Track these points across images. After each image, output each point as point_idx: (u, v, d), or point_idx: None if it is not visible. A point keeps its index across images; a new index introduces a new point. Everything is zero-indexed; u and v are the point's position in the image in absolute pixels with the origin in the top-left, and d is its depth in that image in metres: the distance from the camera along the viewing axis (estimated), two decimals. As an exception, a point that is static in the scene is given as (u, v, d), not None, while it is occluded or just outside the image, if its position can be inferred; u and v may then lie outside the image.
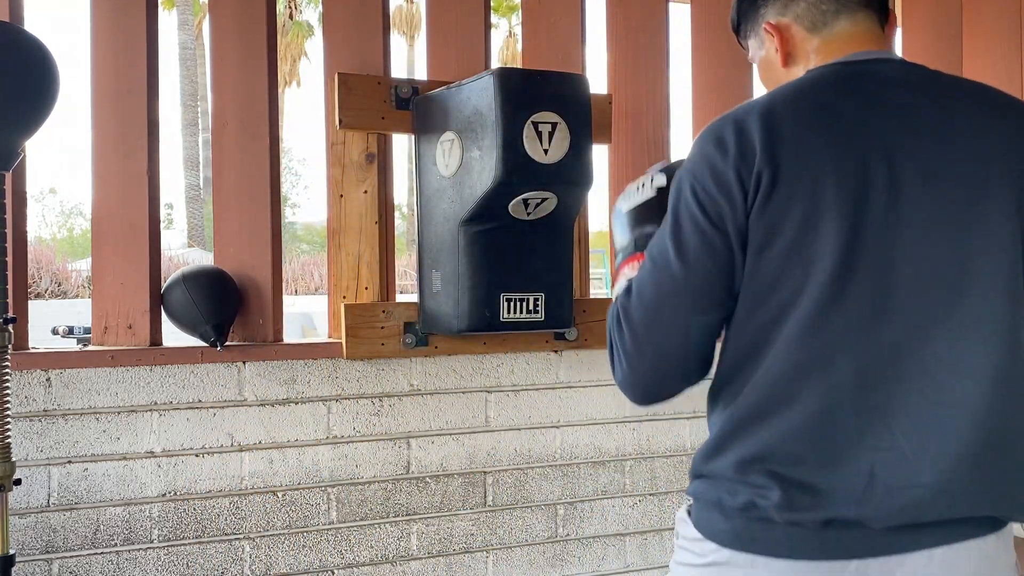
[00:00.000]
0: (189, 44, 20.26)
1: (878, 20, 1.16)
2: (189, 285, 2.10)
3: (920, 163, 1.01)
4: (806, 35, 1.16)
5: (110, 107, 2.13)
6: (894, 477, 0.98)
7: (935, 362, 0.99)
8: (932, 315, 0.99)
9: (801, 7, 1.16)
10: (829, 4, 1.14)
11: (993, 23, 3.22)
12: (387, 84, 2.25)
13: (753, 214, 1.01)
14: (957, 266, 1.00)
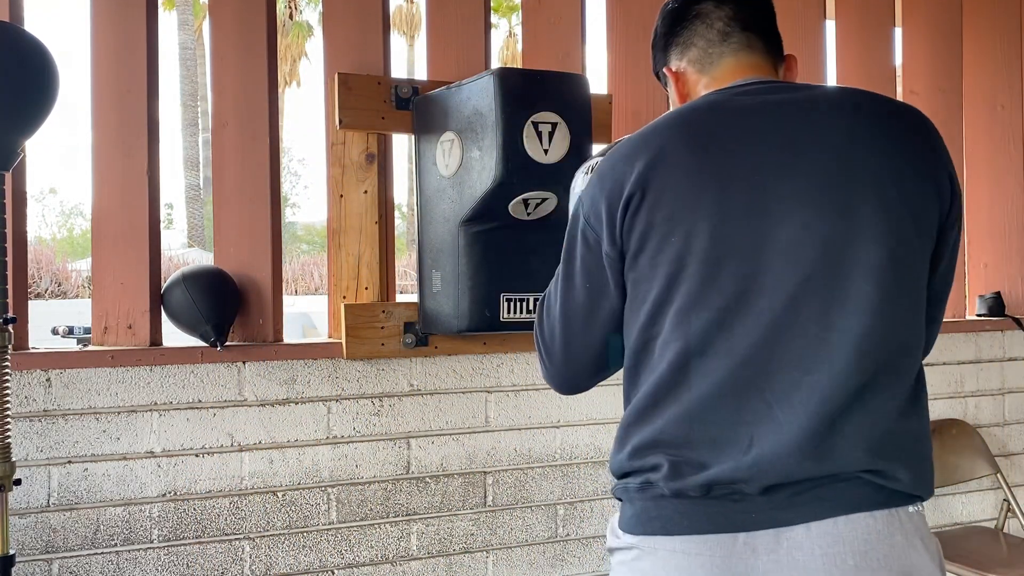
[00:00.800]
0: (189, 44, 20.26)
1: (765, 58, 1.27)
2: (189, 285, 2.10)
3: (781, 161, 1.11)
4: (698, 76, 1.29)
5: (110, 107, 2.13)
6: (769, 443, 1.06)
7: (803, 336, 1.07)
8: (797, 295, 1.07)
9: (693, 53, 1.29)
10: (716, 47, 1.27)
11: (993, 23, 3.22)
12: (387, 84, 2.25)
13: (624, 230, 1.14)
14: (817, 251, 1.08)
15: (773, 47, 1.29)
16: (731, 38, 1.26)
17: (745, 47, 1.26)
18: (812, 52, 2.86)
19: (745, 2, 1.28)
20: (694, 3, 1.29)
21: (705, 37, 1.27)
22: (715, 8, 1.27)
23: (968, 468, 2.88)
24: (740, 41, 1.26)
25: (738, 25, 1.26)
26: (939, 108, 3.11)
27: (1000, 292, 3.13)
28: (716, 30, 1.27)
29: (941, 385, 2.95)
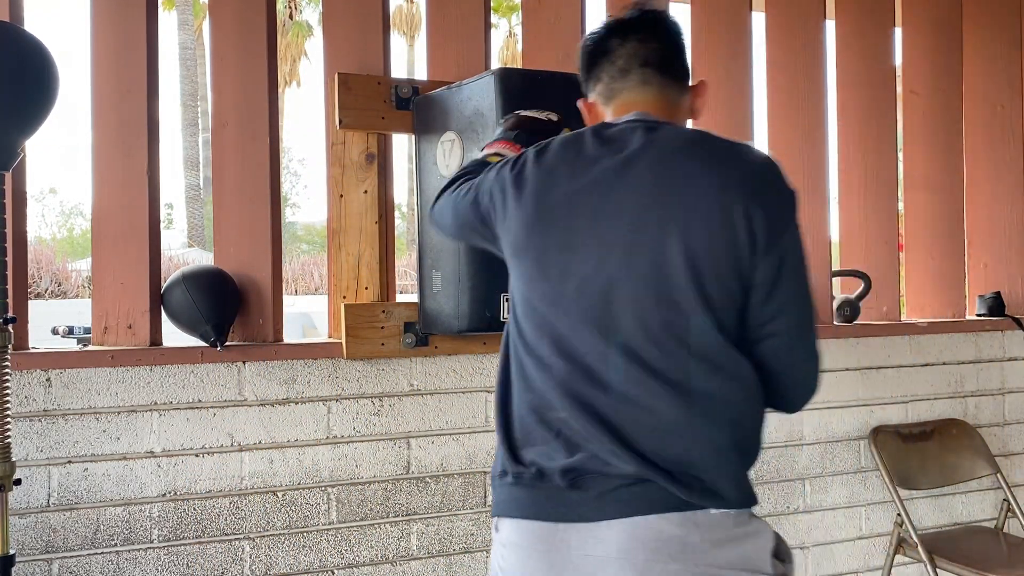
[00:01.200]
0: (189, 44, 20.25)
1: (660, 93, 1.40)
2: (189, 285, 2.10)
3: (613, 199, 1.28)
4: (603, 108, 1.44)
5: (110, 107, 2.13)
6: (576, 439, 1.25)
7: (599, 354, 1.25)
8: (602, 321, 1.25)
9: (600, 87, 1.43)
10: (616, 83, 1.41)
11: (993, 23, 3.22)
12: (387, 84, 2.25)
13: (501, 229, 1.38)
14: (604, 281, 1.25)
15: (673, 80, 1.41)
16: (629, 74, 1.39)
17: (640, 83, 1.39)
18: (812, 52, 2.86)
19: (647, 39, 1.39)
20: (604, 40, 1.41)
21: (608, 73, 1.40)
22: (619, 46, 1.39)
23: (968, 468, 2.88)
24: (637, 77, 1.39)
25: (636, 62, 1.38)
26: (939, 108, 3.11)
27: (1000, 292, 3.13)
28: (617, 67, 1.40)
29: (941, 385, 2.95)
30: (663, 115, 1.38)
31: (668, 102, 1.40)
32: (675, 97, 1.42)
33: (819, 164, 2.84)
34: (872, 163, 2.95)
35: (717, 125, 2.72)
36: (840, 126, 2.98)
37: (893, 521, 2.73)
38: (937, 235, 3.10)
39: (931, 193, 3.10)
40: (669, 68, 1.40)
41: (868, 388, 2.84)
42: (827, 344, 2.78)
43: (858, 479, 2.81)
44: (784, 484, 2.71)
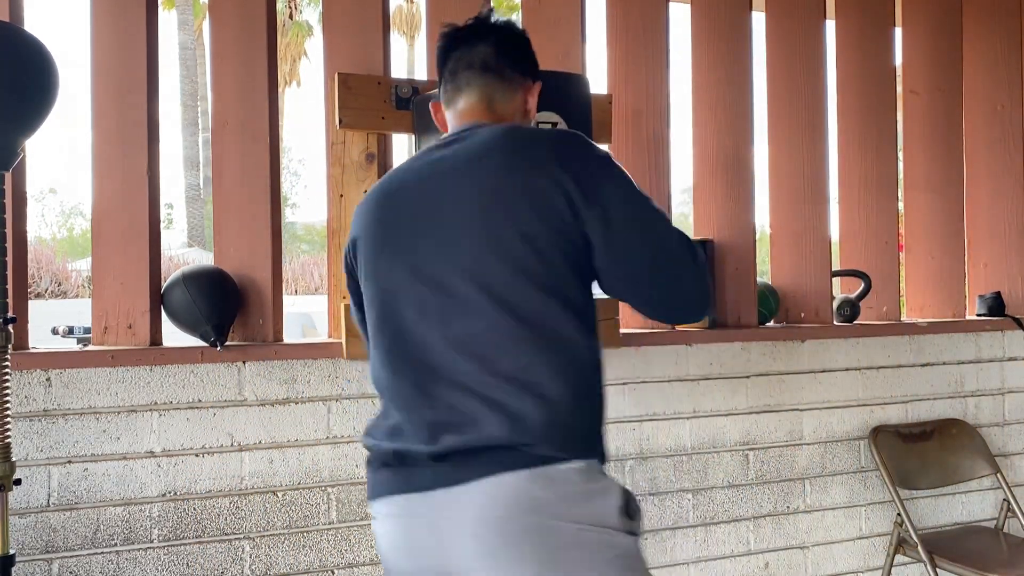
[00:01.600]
0: (189, 44, 20.24)
1: (482, 97, 1.50)
2: (189, 285, 2.10)
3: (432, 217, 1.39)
4: (445, 110, 1.56)
5: (110, 107, 2.13)
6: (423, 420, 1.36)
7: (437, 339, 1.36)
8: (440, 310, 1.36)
9: (440, 90, 1.55)
10: (448, 84, 1.53)
11: (993, 23, 3.22)
12: (387, 84, 2.25)
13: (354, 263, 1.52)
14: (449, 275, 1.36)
15: (498, 79, 1.50)
16: (457, 76, 1.51)
17: (465, 85, 1.51)
18: (812, 52, 2.86)
19: (475, 44, 1.50)
20: (443, 48, 1.54)
21: (443, 76, 1.53)
22: (452, 51, 1.52)
23: (968, 468, 2.88)
24: (462, 79, 1.51)
25: (462, 64, 1.50)
26: (939, 108, 3.11)
27: (1000, 292, 3.13)
28: (448, 70, 1.52)
29: (941, 385, 2.95)
30: (492, 118, 1.49)
31: (493, 102, 1.50)
32: (501, 96, 1.51)
33: (819, 164, 2.84)
34: (872, 163, 2.96)
35: (718, 125, 2.73)
36: (840, 126, 2.98)
37: (893, 521, 2.73)
38: (937, 235, 3.10)
39: (931, 193, 3.10)
40: (492, 68, 1.50)
41: (868, 388, 2.84)
42: (827, 344, 2.78)
43: (858, 479, 2.81)
44: (784, 484, 2.71)
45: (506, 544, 1.28)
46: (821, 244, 2.83)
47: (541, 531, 1.28)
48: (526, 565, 1.27)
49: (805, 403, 2.75)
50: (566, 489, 1.30)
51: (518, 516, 1.28)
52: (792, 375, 2.73)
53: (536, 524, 1.28)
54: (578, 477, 1.32)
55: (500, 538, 1.28)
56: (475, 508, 1.29)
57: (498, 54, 1.50)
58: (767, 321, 2.76)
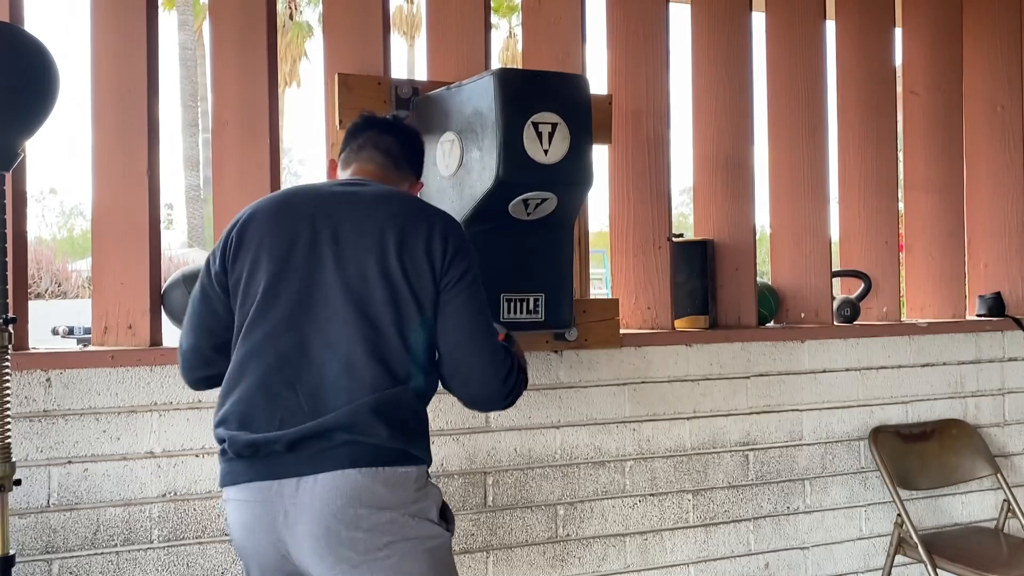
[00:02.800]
0: (189, 44, 20.23)
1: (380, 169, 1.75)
2: (189, 285, 2.10)
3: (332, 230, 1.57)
4: (340, 171, 1.80)
5: (110, 107, 2.13)
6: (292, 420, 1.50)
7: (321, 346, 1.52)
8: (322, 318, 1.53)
9: (343, 155, 1.80)
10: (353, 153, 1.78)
11: (993, 23, 3.22)
12: (387, 84, 2.25)
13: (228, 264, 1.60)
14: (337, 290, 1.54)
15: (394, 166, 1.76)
16: (363, 151, 1.76)
17: (367, 159, 1.75)
18: (812, 52, 2.86)
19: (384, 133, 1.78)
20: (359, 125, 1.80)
21: (350, 145, 1.78)
22: (364, 130, 1.78)
23: (968, 468, 2.88)
24: (366, 154, 1.75)
25: (370, 142, 1.76)
26: (939, 108, 3.11)
27: (1000, 292, 3.13)
28: (358, 142, 1.77)
29: (941, 385, 2.95)
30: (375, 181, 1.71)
31: (386, 179, 1.73)
32: (393, 179, 1.75)
33: (819, 164, 2.84)
34: (872, 163, 2.95)
35: (718, 125, 2.73)
36: (840, 126, 2.98)
37: (893, 521, 2.73)
38: (937, 235, 3.10)
39: (931, 193, 3.10)
40: (392, 156, 1.76)
41: (868, 388, 2.84)
42: (827, 344, 2.78)
43: (858, 479, 2.81)
44: (784, 484, 2.71)
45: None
46: (821, 244, 2.83)
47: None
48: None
49: (805, 403, 2.75)
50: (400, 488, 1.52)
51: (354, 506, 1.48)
52: (792, 375, 2.73)
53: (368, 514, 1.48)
54: (410, 478, 1.54)
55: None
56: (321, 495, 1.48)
57: (401, 147, 1.78)
58: (767, 321, 2.76)
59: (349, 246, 1.56)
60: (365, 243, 1.56)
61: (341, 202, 1.62)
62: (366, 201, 1.62)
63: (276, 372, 1.52)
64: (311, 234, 1.57)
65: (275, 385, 1.51)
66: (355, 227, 1.57)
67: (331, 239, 1.56)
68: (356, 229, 1.57)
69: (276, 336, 1.53)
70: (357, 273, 1.54)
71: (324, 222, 1.58)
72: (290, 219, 1.59)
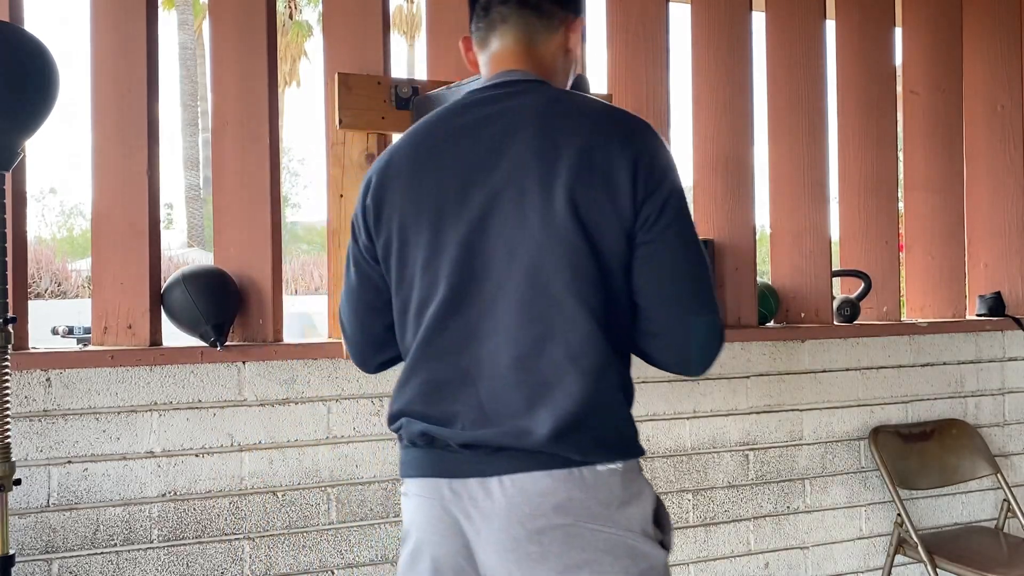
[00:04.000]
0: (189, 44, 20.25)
1: (521, 39, 1.33)
2: (189, 285, 2.10)
3: (483, 176, 1.24)
4: (477, 52, 1.39)
5: (110, 107, 2.13)
6: (471, 417, 1.24)
7: (489, 331, 1.23)
8: (487, 296, 1.23)
9: (472, 24, 1.38)
10: (481, 21, 1.36)
11: (993, 23, 3.22)
12: (387, 84, 2.25)
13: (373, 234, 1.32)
14: (508, 254, 1.22)
15: (536, 14, 1.33)
16: (490, 12, 1.34)
17: (500, 22, 1.33)
18: (812, 52, 2.86)
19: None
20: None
21: (475, 11, 1.37)
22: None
23: (968, 468, 2.88)
24: (496, 15, 1.33)
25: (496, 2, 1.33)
26: (939, 108, 3.11)
27: (1000, 292, 3.13)
28: (480, 4, 1.35)
29: (941, 385, 2.95)
30: (531, 63, 1.33)
31: (532, 43, 1.34)
32: (540, 34, 1.34)
33: (819, 164, 2.84)
34: (872, 163, 2.95)
35: (718, 125, 2.73)
36: (840, 126, 2.98)
37: (893, 521, 2.73)
38: (937, 235, 3.10)
39: (931, 193, 3.10)
40: (530, 2, 1.33)
41: (868, 388, 2.84)
42: (827, 344, 2.78)
43: (858, 479, 2.81)
44: (784, 484, 2.71)
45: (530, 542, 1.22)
46: (821, 244, 2.83)
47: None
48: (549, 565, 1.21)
49: (805, 403, 2.75)
50: (600, 493, 1.22)
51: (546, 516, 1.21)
52: (792, 375, 2.73)
53: (563, 526, 1.21)
54: (615, 479, 1.23)
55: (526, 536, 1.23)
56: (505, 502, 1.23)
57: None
58: (767, 321, 2.76)
59: (507, 198, 1.22)
60: (527, 188, 1.21)
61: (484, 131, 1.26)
62: (517, 124, 1.25)
63: (446, 367, 1.25)
64: (459, 186, 1.25)
65: (446, 386, 1.25)
66: (512, 167, 1.23)
67: (485, 191, 1.23)
68: (514, 170, 1.22)
69: (440, 323, 1.25)
70: (522, 232, 1.21)
71: (471, 166, 1.25)
72: (433, 170, 1.27)
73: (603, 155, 1.21)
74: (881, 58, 2.99)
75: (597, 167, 1.20)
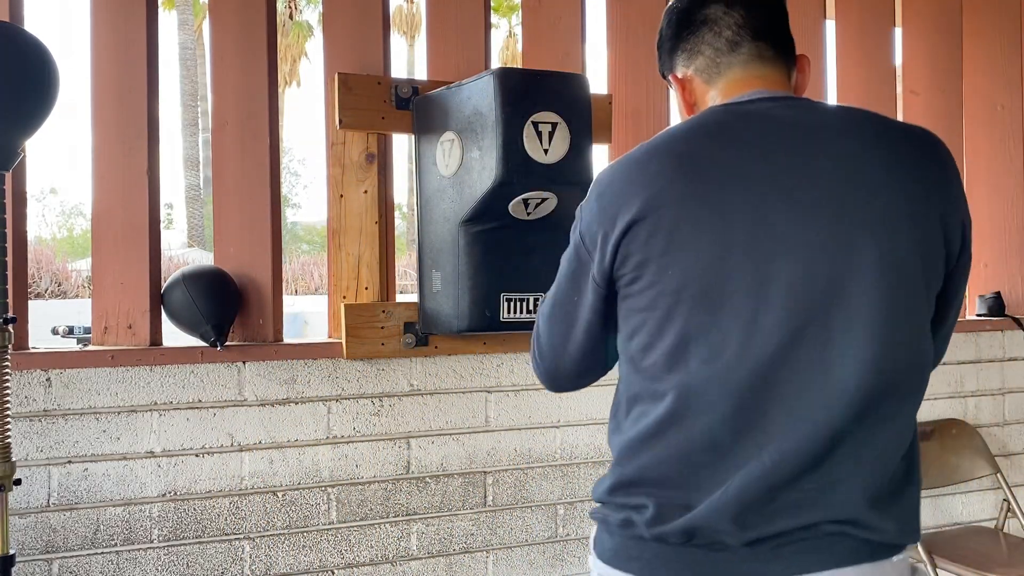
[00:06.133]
0: (189, 44, 20.26)
1: (775, 67, 1.20)
2: (189, 285, 2.10)
3: (782, 194, 1.06)
4: (705, 87, 1.23)
5: (110, 107, 2.13)
6: (752, 488, 1.02)
7: (799, 380, 1.03)
8: (795, 338, 1.03)
9: (700, 62, 1.23)
10: (724, 57, 1.20)
11: (993, 23, 3.22)
12: (387, 84, 2.25)
13: (619, 257, 1.10)
14: (816, 292, 1.03)
15: (785, 54, 1.22)
16: (740, 48, 1.19)
17: (755, 58, 1.19)
18: (812, 52, 2.85)
19: (756, 7, 1.20)
20: (702, 7, 1.22)
21: (713, 46, 1.21)
22: (724, 14, 1.20)
23: (968, 468, 2.88)
24: (750, 51, 1.19)
25: (748, 33, 1.19)
26: (939, 108, 3.11)
27: (1000, 292, 3.13)
28: (724, 39, 1.20)
29: (941, 385, 2.95)
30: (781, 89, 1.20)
31: (785, 78, 1.21)
32: (789, 72, 1.22)
33: (819, 164, 2.84)
34: (872, 163, 2.95)
35: (717, 125, 2.73)
36: (840, 126, 2.97)
37: (893, 521, 2.73)
38: (937, 235, 3.10)
39: (931, 193, 3.10)
40: (781, 39, 1.21)
41: (868, 388, 2.84)
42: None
43: (858, 479, 2.81)
44: (784, 484, 2.71)
45: None
46: (821, 244, 2.83)
47: None
48: None
49: (805, 403, 2.75)
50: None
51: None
52: (792, 375, 2.73)
53: None
54: (906, 566, 1.11)
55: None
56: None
57: (783, 21, 1.23)
58: (767, 321, 2.76)
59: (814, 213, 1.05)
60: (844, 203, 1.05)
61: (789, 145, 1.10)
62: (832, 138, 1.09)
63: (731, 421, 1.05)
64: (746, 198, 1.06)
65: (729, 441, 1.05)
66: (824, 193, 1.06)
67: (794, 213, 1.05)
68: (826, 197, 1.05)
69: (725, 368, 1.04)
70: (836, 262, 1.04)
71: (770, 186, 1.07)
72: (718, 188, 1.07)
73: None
74: (881, 58, 2.99)
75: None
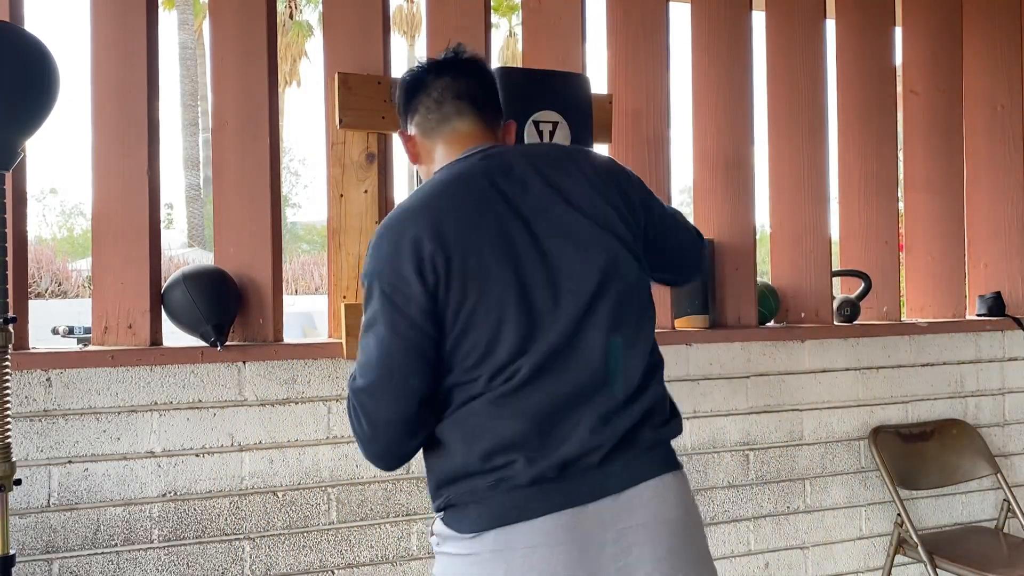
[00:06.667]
0: (189, 44, 20.24)
1: (477, 124, 1.48)
2: (189, 285, 2.10)
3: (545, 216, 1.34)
4: (423, 140, 1.51)
5: (110, 107, 2.13)
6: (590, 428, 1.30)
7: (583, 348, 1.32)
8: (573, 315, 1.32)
9: (418, 119, 1.50)
10: (433, 113, 1.48)
11: (993, 23, 3.22)
12: (387, 84, 2.25)
13: (441, 290, 1.29)
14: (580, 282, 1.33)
15: (487, 113, 1.49)
16: (444, 105, 1.47)
17: (455, 115, 1.47)
18: (812, 52, 2.86)
19: (459, 75, 1.48)
20: (420, 76, 1.50)
21: (424, 105, 1.49)
22: (434, 80, 1.48)
23: (968, 468, 2.88)
24: (451, 108, 1.47)
25: (450, 95, 1.47)
26: (939, 108, 3.11)
27: (1000, 292, 3.13)
28: (432, 99, 1.48)
29: (941, 385, 2.95)
30: (489, 142, 1.47)
31: (486, 131, 1.49)
32: (494, 129, 1.51)
33: (819, 164, 2.84)
34: (872, 163, 2.95)
35: (718, 125, 2.73)
36: (840, 126, 2.98)
37: (893, 521, 2.73)
38: (937, 235, 3.10)
39: (931, 193, 3.10)
40: (482, 101, 1.49)
41: (868, 388, 2.84)
42: (827, 344, 2.78)
43: (858, 479, 2.81)
44: (784, 484, 2.71)
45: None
46: (821, 244, 2.83)
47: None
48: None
49: (805, 403, 2.75)
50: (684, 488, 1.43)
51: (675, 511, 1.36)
52: (792, 375, 2.73)
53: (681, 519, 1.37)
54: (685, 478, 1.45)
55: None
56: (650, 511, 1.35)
57: (485, 89, 1.51)
58: (767, 321, 2.76)
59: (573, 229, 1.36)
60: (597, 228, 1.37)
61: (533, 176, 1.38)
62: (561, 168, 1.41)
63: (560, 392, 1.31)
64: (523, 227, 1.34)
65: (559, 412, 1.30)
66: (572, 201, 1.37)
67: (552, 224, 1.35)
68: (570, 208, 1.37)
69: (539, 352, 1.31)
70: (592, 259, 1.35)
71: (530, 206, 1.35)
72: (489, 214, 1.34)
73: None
74: (881, 58, 2.99)
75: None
